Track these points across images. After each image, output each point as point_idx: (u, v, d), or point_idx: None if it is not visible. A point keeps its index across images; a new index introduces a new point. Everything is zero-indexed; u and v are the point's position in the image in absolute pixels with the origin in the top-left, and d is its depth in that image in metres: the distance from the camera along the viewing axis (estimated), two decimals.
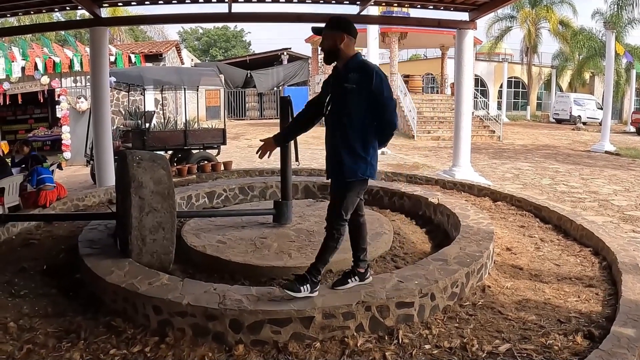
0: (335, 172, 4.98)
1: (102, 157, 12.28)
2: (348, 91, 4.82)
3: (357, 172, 4.85)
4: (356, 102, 4.80)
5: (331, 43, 4.91)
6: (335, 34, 4.89)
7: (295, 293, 4.68)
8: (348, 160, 4.84)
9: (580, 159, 21.17)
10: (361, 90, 4.78)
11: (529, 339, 4.53)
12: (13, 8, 11.93)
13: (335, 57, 4.96)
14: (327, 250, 4.98)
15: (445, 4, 12.61)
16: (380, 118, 4.85)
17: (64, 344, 4.60)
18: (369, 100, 4.78)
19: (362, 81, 4.78)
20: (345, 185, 4.89)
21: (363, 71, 4.83)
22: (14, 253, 7.41)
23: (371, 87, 4.75)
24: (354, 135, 4.84)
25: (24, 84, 20.94)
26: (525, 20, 45.38)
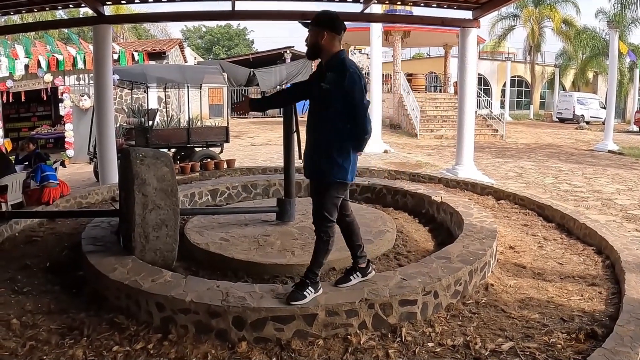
0: (312, 174, 5.00)
1: (105, 155, 12.29)
2: (324, 91, 4.77)
3: (331, 175, 4.80)
4: (331, 103, 4.74)
5: (313, 40, 4.86)
6: (317, 30, 4.83)
7: (302, 301, 4.65)
8: (323, 163, 4.81)
9: (583, 158, 21.14)
10: (336, 91, 4.70)
11: (532, 337, 4.54)
12: (16, 6, 11.93)
13: (317, 54, 4.91)
14: (319, 253, 4.95)
15: (448, 2, 12.59)
16: (352, 122, 4.74)
17: (67, 340, 4.61)
18: (343, 101, 4.69)
19: (337, 81, 4.70)
20: (322, 188, 4.87)
21: (339, 71, 4.74)
22: (17, 250, 7.44)
23: (342, 89, 4.67)
24: (329, 137, 4.79)
25: (27, 82, 20.95)
26: (529, 19, 45.30)
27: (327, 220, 4.86)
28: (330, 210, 4.85)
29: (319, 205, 4.88)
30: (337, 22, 4.89)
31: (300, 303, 4.63)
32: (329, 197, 4.84)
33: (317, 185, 4.90)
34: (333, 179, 4.79)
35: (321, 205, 4.86)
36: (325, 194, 4.84)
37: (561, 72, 52.31)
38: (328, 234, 4.89)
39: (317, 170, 4.86)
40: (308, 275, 4.85)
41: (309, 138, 4.99)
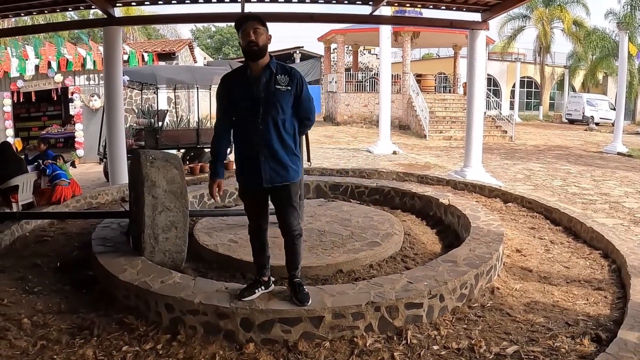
0: (280, 177, 4.78)
1: (115, 155, 12.36)
2: (280, 93, 4.69)
3: (298, 172, 4.87)
4: (288, 104, 4.74)
5: (265, 40, 4.66)
6: (265, 30, 4.69)
7: (309, 300, 4.72)
8: (290, 163, 4.78)
9: (592, 160, 21.12)
10: (292, 93, 4.74)
11: (537, 341, 4.56)
12: (28, 7, 12.00)
13: (262, 56, 4.68)
14: (301, 249, 5.07)
15: (457, 5, 12.60)
16: (306, 118, 4.95)
17: (77, 340, 4.66)
18: (296, 102, 4.78)
19: (292, 84, 4.73)
20: (296, 188, 4.90)
21: (291, 75, 4.77)
22: (27, 249, 7.49)
23: (302, 92, 4.78)
24: (289, 137, 4.80)
25: (37, 82, 21.08)
26: (540, 19, 45.17)
27: (299, 219, 4.97)
28: (301, 207, 4.97)
29: (296, 205, 4.91)
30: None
31: (309, 302, 4.70)
32: (298, 194, 4.97)
33: (291, 187, 4.84)
34: (299, 175, 4.93)
35: (297, 203, 4.91)
36: (298, 192, 4.95)
37: (571, 73, 52.16)
38: (301, 231, 5.03)
39: (290, 171, 4.80)
40: (297, 275, 4.99)
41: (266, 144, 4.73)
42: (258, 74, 4.72)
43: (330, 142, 25.83)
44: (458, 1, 12.33)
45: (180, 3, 12.28)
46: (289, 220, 4.88)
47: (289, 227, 4.89)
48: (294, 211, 4.88)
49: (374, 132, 29.01)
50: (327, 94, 40.65)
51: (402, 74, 33.54)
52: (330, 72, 40.21)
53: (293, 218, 4.88)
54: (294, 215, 4.88)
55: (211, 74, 17.34)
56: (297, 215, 4.90)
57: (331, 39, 38.60)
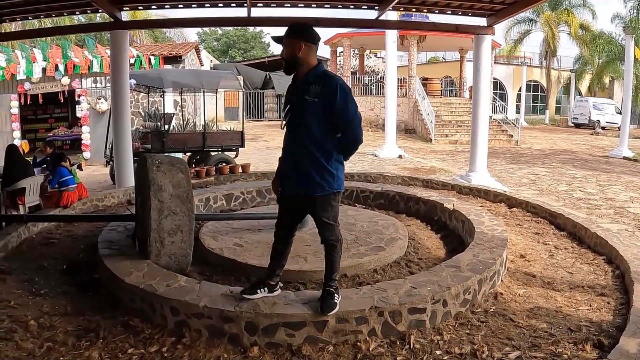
0: (298, 189, 4.84)
1: (121, 158, 12.41)
2: (309, 104, 4.63)
3: (325, 187, 4.73)
4: (317, 116, 4.64)
5: (290, 51, 4.68)
6: (293, 41, 4.67)
7: (334, 310, 4.70)
8: (315, 176, 4.72)
9: (597, 165, 21.07)
10: (323, 105, 4.61)
11: (539, 347, 4.58)
12: (35, 11, 12.07)
13: (295, 67, 4.74)
14: (337, 260, 4.96)
15: (463, 10, 12.62)
16: (345, 134, 4.72)
17: (83, 342, 4.70)
18: (330, 114, 4.62)
19: (324, 95, 4.60)
20: (325, 200, 4.80)
21: (325, 84, 4.63)
22: (34, 252, 7.56)
23: (335, 103, 4.58)
24: (317, 150, 4.69)
25: (44, 84, 21.14)
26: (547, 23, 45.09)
27: (334, 228, 4.85)
28: (334, 218, 4.85)
29: (328, 218, 4.82)
30: (313, 31, 4.79)
31: (335, 311, 4.69)
32: (333, 207, 4.84)
33: (316, 199, 4.78)
34: (333, 190, 4.77)
35: (329, 217, 4.82)
36: (330, 205, 4.81)
37: (577, 77, 52.15)
38: (340, 240, 4.90)
39: (314, 185, 4.73)
40: (332, 284, 4.87)
41: (292, 153, 4.85)
42: (298, 82, 4.79)
43: None
44: (464, 6, 12.35)
45: (187, 7, 12.33)
46: (320, 231, 4.90)
47: (322, 237, 4.90)
48: (325, 224, 4.83)
49: (379, 135, 28.96)
50: None
51: (408, 77, 33.50)
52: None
53: (324, 230, 4.85)
54: (325, 228, 4.84)
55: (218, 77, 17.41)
56: (330, 227, 4.83)
57: (337, 43, 38.61)
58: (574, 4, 45.84)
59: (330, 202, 4.80)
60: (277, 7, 12.46)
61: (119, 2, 11.75)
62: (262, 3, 12.13)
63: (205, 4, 12.09)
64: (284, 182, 4.97)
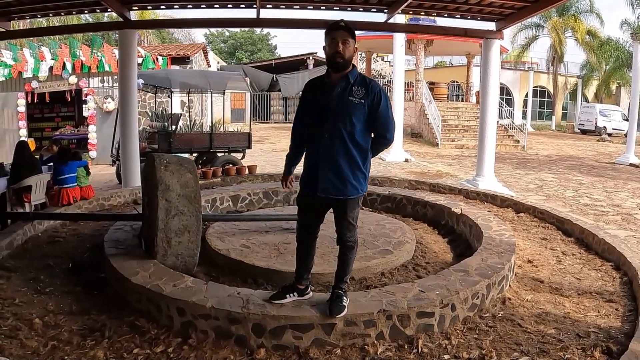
0: (336, 190, 4.72)
1: (128, 158, 12.41)
2: (353, 105, 4.59)
3: (358, 189, 4.74)
4: (360, 117, 4.62)
5: (351, 51, 4.62)
6: (354, 42, 4.66)
7: (343, 313, 4.68)
8: (351, 177, 4.69)
9: (604, 171, 21.00)
10: (366, 107, 4.60)
11: (547, 352, 4.55)
12: (43, 9, 12.08)
13: (347, 67, 4.67)
14: (351, 262, 4.96)
15: (472, 14, 12.59)
16: (383, 136, 4.78)
17: (88, 341, 4.69)
18: (371, 116, 4.63)
19: (368, 97, 4.60)
20: (354, 202, 4.79)
21: (369, 88, 4.62)
22: (40, 250, 7.55)
23: (379, 107, 4.61)
24: (356, 151, 4.68)
25: (52, 83, 21.18)
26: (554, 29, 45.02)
27: (356, 230, 4.86)
28: (357, 219, 4.86)
29: (353, 219, 4.80)
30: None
31: (344, 314, 4.67)
32: (357, 210, 4.85)
33: (347, 202, 4.75)
34: (361, 192, 4.78)
35: (354, 218, 4.81)
36: (356, 208, 4.83)
37: (584, 83, 52.04)
38: (357, 242, 4.92)
39: (350, 187, 4.69)
40: (343, 286, 4.86)
41: (327, 153, 4.70)
42: (335, 82, 4.69)
43: None
44: (472, 10, 12.32)
45: (196, 8, 12.33)
46: (342, 232, 4.86)
47: (341, 237, 4.88)
48: (349, 225, 4.81)
49: None
50: None
51: (415, 81, 33.44)
52: None
53: (347, 231, 4.83)
54: (347, 229, 4.83)
55: (225, 78, 17.41)
56: (352, 228, 4.83)
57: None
58: (581, 10, 45.76)
59: (358, 203, 4.85)
60: (286, 8, 12.45)
61: (128, 2, 11.75)
62: (271, 4, 12.12)
63: (215, 5, 12.08)
64: (312, 183, 4.79)
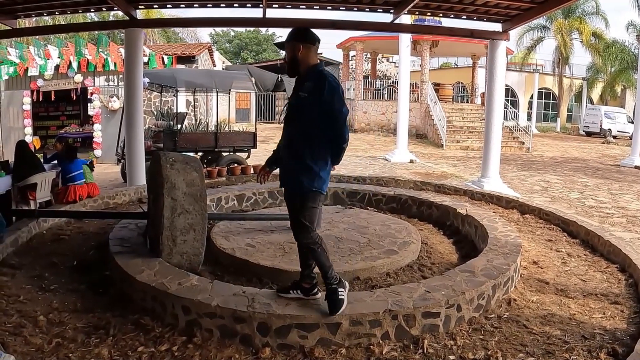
0: (288, 184, 4.96)
1: (133, 157, 12.40)
2: (301, 100, 4.81)
3: (310, 185, 4.78)
4: (307, 111, 4.76)
5: (290, 54, 4.88)
6: (292, 44, 4.86)
7: (343, 306, 4.69)
8: (299, 172, 4.80)
9: (609, 174, 20.96)
10: (313, 100, 4.71)
11: (553, 354, 4.53)
12: (50, 7, 12.09)
13: (296, 68, 4.90)
14: (321, 260, 4.90)
15: (478, 15, 12.57)
16: (330, 129, 4.73)
17: (93, 339, 4.69)
18: (320, 110, 4.69)
19: (314, 90, 4.71)
20: (301, 198, 4.83)
21: (317, 80, 4.75)
22: (44, 247, 7.55)
23: (322, 97, 4.66)
24: (304, 146, 4.79)
25: (57, 82, 21.25)
26: (559, 31, 44.91)
27: (308, 230, 4.82)
28: (310, 219, 4.84)
29: (304, 217, 4.82)
30: (310, 33, 4.96)
31: (344, 307, 4.68)
32: (308, 207, 4.83)
33: (295, 195, 4.88)
34: (311, 188, 4.78)
35: (304, 216, 4.82)
36: (304, 204, 4.83)
37: (589, 85, 51.90)
38: (316, 242, 4.84)
39: (296, 181, 4.82)
40: (330, 282, 4.83)
41: (284, 148, 5.00)
42: (297, 82, 4.99)
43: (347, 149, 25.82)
44: (479, 11, 12.30)
45: (202, 7, 12.33)
46: (294, 233, 4.94)
47: (297, 240, 4.95)
48: (300, 223, 4.83)
49: (391, 140, 28.98)
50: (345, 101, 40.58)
51: (421, 82, 33.50)
52: (348, 80, 40.20)
53: (297, 230, 4.88)
54: (298, 228, 4.86)
55: (231, 78, 17.38)
56: (303, 228, 4.82)
57: (350, 46, 38.56)
58: (587, 12, 45.62)
59: (308, 200, 4.82)
60: (292, 8, 12.45)
61: (134, 1, 11.75)
62: (277, 4, 12.11)
63: (221, 4, 12.09)
64: (280, 177, 5.09)
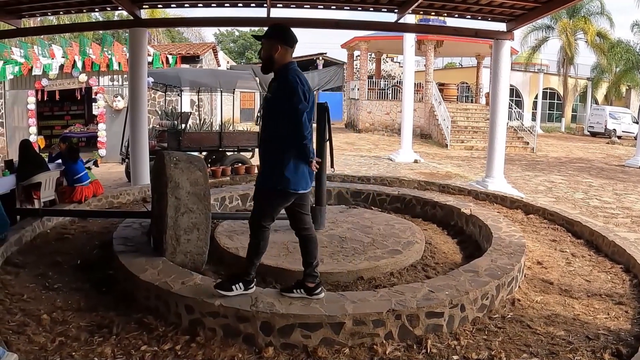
0: (257, 180, 5.09)
1: (137, 156, 12.41)
2: (268, 101, 4.93)
3: (267, 183, 4.86)
4: (273, 110, 4.86)
5: (267, 52, 4.87)
6: (271, 42, 4.86)
7: (227, 292, 4.82)
8: (264, 169, 4.93)
9: (614, 174, 20.91)
10: (277, 99, 4.80)
11: (557, 354, 4.53)
12: (54, 7, 12.11)
13: (271, 67, 4.91)
14: (250, 254, 5.06)
15: (482, 14, 12.55)
16: (291, 127, 4.72)
17: (96, 338, 4.70)
18: (284, 108, 4.72)
19: (278, 90, 4.79)
20: (262, 194, 4.96)
21: (281, 79, 4.80)
22: (48, 246, 7.57)
23: (284, 96, 4.72)
24: (271, 144, 4.88)
25: (62, 81, 21.28)
26: (564, 31, 44.79)
27: (256, 224, 4.97)
28: (262, 215, 4.95)
29: (256, 210, 5.02)
30: (291, 33, 4.95)
31: (225, 293, 4.81)
32: (267, 205, 4.94)
33: (257, 191, 5.02)
34: (273, 186, 4.82)
35: (258, 210, 5.00)
36: (263, 201, 4.95)
37: (594, 85, 51.84)
38: (256, 237, 5.01)
39: (264, 176, 4.93)
40: (241, 272, 4.99)
41: (259, 148, 5.14)
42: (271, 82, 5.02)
43: (351, 149, 25.84)
44: (483, 11, 12.28)
45: (206, 7, 12.33)
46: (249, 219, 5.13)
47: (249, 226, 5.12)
48: (253, 213, 5.06)
49: (395, 140, 28.96)
50: (349, 101, 40.56)
51: (425, 82, 33.43)
52: (352, 79, 40.21)
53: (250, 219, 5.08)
54: (251, 217, 5.07)
55: (235, 78, 17.41)
56: (252, 219, 5.03)
57: (354, 46, 38.54)
58: (592, 11, 45.49)
59: (265, 196, 4.93)
60: (296, 7, 12.45)
61: (138, 0, 11.76)
62: (281, 4, 12.12)
63: (225, 4, 12.09)
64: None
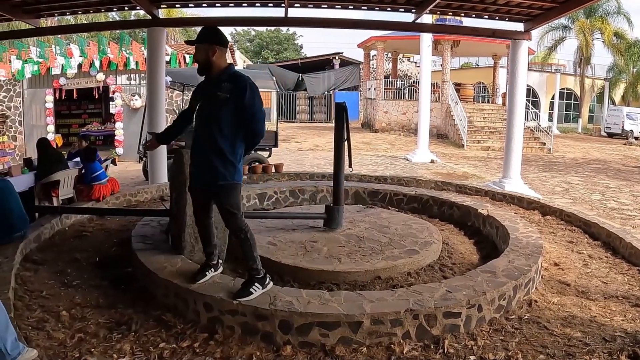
0: (207, 179, 5.12)
1: (155, 155, 12.44)
2: (220, 99, 5.00)
3: (227, 177, 5.01)
4: (226, 110, 4.99)
5: (204, 55, 5.07)
6: (206, 46, 5.06)
7: (248, 297, 4.85)
8: (220, 165, 5.02)
9: (631, 175, 20.80)
10: (233, 100, 4.96)
11: (574, 355, 4.52)
12: (72, 7, 12.18)
13: (209, 69, 5.11)
14: (248, 250, 5.13)
15: (500, 14, 12.50)
16: (249, 127, 5.06)
17: (115, 334, 4.74)
18: (238, 109, 4.97)
19: (234, 91, 4.97)
20: (225, 191, 5.06)
21: (237, 82, 5.02)
22: (67, 244, 7.63)
23: (244, 99, 4.94)
24: (223, 142, 5.02)
25: (79, 80, 21.41)
26: (581, 31, 44.54)
27: (237, 219, 5.09)
28: (238, 207, 5.11)
29: (231, 206, 5.08)
30: (223, 35, 5.20)
31: (248, 299, 4.82)
32: (234, 198, 5.09)
33: (218, 189, 5.10)
34: (234, 180, 5.06)
35: (232, 205, 5.08)
36: (230, 196, 5.07)
37: (611, 85, 51.52)
38: (244, 230, 5.10)
39: (215, 175, 5.04)
40: (251, 273, 5.05)
41: (200, 146, 5.18)
42: (211, 81, 5.18)
43: (368, 149, 25.83)
44: (501, 11, 12.24)
45: (224, 6, 12.36)
46: (225, 222, 5.26)
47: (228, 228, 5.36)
48: (228, 212, 5.12)
49: (411, 140, 28.92)
50: (366, 101, 40.49)
51: (442, 82, 33.33)
52: (369, 79, 40.13)
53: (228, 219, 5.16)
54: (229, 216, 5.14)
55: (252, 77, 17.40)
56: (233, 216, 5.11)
57: (371, 46, 38.44)
58: (609, 11, 45.21)
59: (232, 191, 5.09)
60: (314, 7, 12.44)
61: (156, 0, 11.81)
62: (299, 3, 12.10)
63: (243, 4, 12.10)
64: (192, 172, 5.34)
